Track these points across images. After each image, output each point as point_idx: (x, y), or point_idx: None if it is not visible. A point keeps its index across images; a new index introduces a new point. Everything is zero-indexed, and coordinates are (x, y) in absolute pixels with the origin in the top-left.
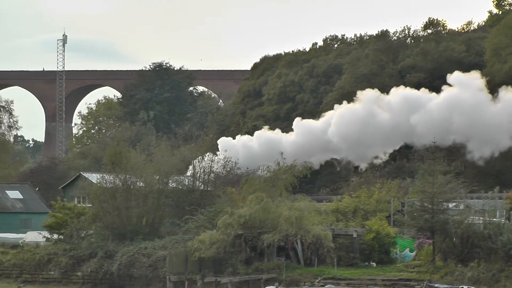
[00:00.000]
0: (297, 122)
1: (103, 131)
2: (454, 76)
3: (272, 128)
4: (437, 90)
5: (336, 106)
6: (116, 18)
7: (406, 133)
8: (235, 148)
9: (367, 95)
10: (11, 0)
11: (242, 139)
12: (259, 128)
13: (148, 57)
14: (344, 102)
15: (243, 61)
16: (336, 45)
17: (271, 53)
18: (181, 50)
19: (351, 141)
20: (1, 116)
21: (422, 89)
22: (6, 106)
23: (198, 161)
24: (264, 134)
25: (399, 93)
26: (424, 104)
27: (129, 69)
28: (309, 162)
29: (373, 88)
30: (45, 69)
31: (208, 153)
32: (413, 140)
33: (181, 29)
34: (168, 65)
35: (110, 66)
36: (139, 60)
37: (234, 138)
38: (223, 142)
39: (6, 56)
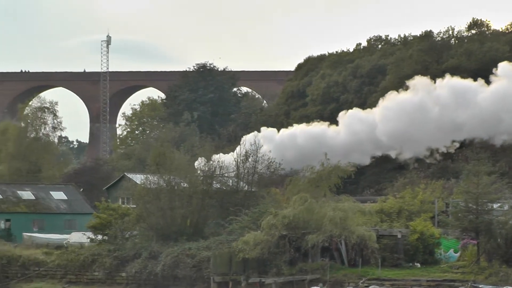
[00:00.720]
0: (343, 115)
1: (147, 132)
2: (503, 67)
3: None
4: None
5: (387, 96)
6: (160, 19)
7: (454, 129)
8: (279, 142)
9: (419, 83)
10: (56, 1)
11: (286, 133)
12: None
13: (192, 58)
14: (393, 93)
15: (287, 61)
16: (380, 46)
17: (315, 53)
18: (225, 51)
19: (399, 136)
20: (46, 117)
21: (479, 79)
22: (50, 107)
23: (242, 162)
24: (309, 128)
25: (446, 83)
26: (473, 97)
27: (173, 70)
28: (353, 162)
29: None
30: (86, 70)
31: (250, 136)
32: (463, 137)
33: (225, 30)
34: (212, 66)
35: (154, 67)
36: (183, 61)
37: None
38: (267, 133)
39: (51, 57)
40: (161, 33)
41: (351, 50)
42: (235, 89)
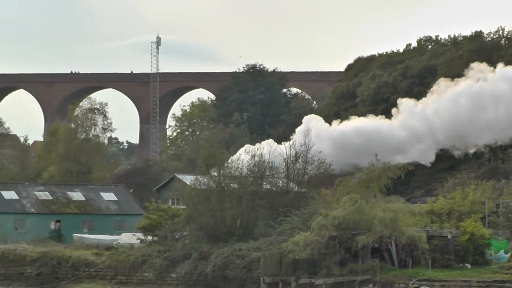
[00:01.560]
0: (397, 111)
1: (197, 132)
2: None
3: None
4: None
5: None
6: (210, 20)
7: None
8: (331, 137)
9: (478, 69)
10: (105, 3)
11: (338, 129)
12: None
13: (242, 59)
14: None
15: (337, 62)
16: (430, 46)
17: (365, 54)
18: (275, 51)
19: (454, 131)
20: (96, 118)
21: None
22: (100, 109)
23: (292, 162)
24: (363, 123)
25: (502, 74)
26: None
27: (222, 71)
28: (405, 163)
29: None
30: (136, 72)
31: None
32: None
33: (275, 30)
34: (261, 66)
35: (204, 68)
36: (233, 62)
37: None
38: (318, 129)
39: (100, 59)
40: (211, 34)
41: (401, 50)
42: (285, 90)
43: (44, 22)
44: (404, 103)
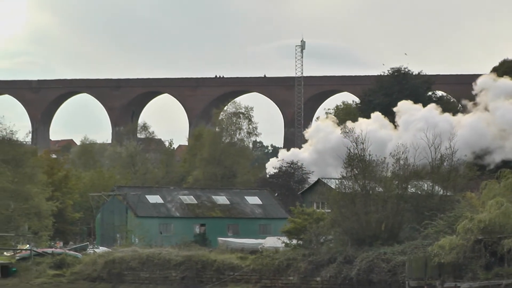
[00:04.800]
0: None
1: None
2: None
3: None
4: None
5: None
6: (354, 23)
7: None
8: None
9: None
10: (250, 7)
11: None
12: None
13: (387, 62)
14: None
15: (483, 64)
16: None
17: (510, 56)
18: (420, 54)
19: None
20: (241, 122)
21: None
22: (245, 113)
23: (437, 166)
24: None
25: None
26: None
27: (367, 74)
28: None
29: None
30: (281, 76)
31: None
32: None
33: (420, 33)
34: (406, 70)
35: (348, 71)
36: (377, 65)
37: None
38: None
39: (245, 62)
40: (355, 37)
41: None
42: (430, 93)
43: (189, 27)
44: None
